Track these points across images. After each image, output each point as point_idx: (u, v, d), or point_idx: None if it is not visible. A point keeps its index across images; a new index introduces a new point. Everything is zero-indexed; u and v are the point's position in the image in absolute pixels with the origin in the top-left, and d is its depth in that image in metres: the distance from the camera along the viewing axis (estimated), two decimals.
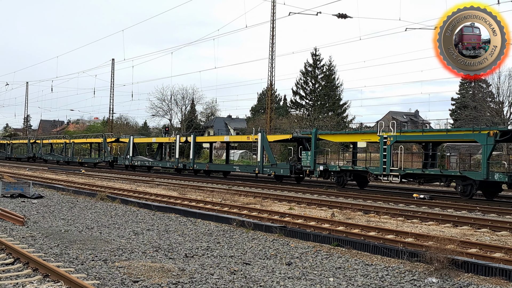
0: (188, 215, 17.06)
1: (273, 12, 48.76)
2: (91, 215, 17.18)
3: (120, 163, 53.40)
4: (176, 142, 45.44)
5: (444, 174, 25.42)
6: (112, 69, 72.30)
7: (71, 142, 64.49)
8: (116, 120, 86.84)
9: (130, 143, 51.29)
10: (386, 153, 27.22)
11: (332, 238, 12.36)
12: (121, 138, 56.08)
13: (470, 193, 24.21)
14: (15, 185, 22.89)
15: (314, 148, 32.17)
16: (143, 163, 49.89)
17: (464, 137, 25.33)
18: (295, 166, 33.99)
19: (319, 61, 69.40)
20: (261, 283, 8.90)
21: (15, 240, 12.13)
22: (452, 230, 15.20)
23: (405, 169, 26.69)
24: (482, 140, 23.37)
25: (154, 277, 9.04)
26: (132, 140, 51.51)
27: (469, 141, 28.75)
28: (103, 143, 56.71)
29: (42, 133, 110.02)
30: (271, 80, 50.13)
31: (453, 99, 68.44)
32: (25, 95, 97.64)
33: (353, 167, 30.12)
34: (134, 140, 51.94)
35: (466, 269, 9.61)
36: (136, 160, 50.38)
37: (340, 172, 30.31)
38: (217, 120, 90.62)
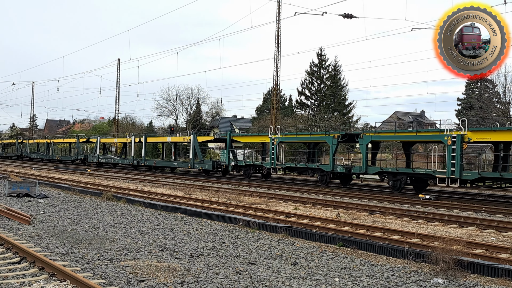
0: (193, 214, 17.09)
1: (278, 12, 48.73)
2: (97, 215, 17.23)
3: (90, 161, 60.60)
4: (132, 142, 53.10)
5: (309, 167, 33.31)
6: (118, 69, 72.47)
7: (51, 142, 71.67)
8: (122, 120, 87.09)
9: (98, 143, 59.38)
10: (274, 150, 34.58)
11: (337, 239, 12.36)
12: (91, 139, 64.61)
13: (326, 181, 31.77)
14: (21, 185, 22.96)
15: (229, 147, 40.70)
16: (107, 160, 57.80)
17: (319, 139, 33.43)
18: (217, 162, 42.08)
19: (325, 61, 69.36)
20: (266, 283, 8.90)
21: (21, 239, 12.18)
22: (458, 230, 15.17)
23: (285, 164, 34.60)
24: (329, 141, 31.76)
25: (160, 276, 9.06)
26: (99, 141, 60.00)
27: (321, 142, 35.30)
28: (76, 143, 64.48)
29: (48, 132, 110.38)
30: (276, 80, 50.11)
31: (459, 99, 68.28)
32: (31, 94, 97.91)
33: (254, 162, 39.20)
34: (101, 141, 60.55)
35: (472, 270, 9.60)
36: (102, 158, 58.08)
37: (246, 166, 38.93)
38: (222, 120, 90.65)
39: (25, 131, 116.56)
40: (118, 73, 72.44)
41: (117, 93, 73.03)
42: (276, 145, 34.34)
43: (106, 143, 61.69)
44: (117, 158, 57.24)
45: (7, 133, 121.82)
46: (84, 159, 61.72)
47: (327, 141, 32.10)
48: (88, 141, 64.86)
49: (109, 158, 58.12)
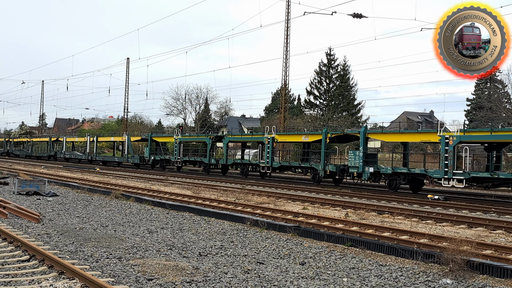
0: (202, 214, 17.12)
1: (287, 12, 48.72)
2: (105, 213, 17.29)
3: (59, 156, 70.66)
4: (87, 141, 63.71)
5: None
6: (127, 68, 72.65)
7: (31, 141, 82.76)
8: (131, 119, 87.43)
9: (64, 142, 70.28)
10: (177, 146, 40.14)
11: (346, 238, 12.34)
12: (59, 138, 74.36)
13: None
14: (30, 183, 23.07)
15: (150, 145, 51.74)
16: (71, 156, 67.64)
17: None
18: (142, 157, 52.19)
19: (334, 61, 69.20)
20: (274, 282, 8.90)
21: (30, 237, 12.24)
22: (467, 231, 15.11)
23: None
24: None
25: (168, 275, 9.08)
26: (65, 140, 70.99)
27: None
28: (49, 142, 74.40)
29: (58, 131, 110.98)
30: (285, 79, 50.10)
31: (468, 99, 67.94)
32: (41, 93, 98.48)
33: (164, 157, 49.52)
34: (67, 139, 71.50)
35: (481, 271, 9.55)
36: (68, 154, 68.17)
37: (161, 160, 49.73)
38: (231, 119, 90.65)
39: (35, 130, 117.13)
40: (127, 72, 72.70)
41: (126, 92, 73.29)
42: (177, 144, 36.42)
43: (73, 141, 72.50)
44: (80, 154, 66.75)
45: (16, 132, 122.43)
46: (55, 155, 71.75)
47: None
48: (57, 140, 74.16)
49: (73, 154, 67.81)
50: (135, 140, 57.18)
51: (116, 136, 63.09)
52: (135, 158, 53.34)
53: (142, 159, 52.16)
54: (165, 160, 49.32)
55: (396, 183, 28.12)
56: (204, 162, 42.94)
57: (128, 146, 55.19)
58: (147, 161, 51.42)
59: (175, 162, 46.68)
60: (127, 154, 55.18)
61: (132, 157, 54.15)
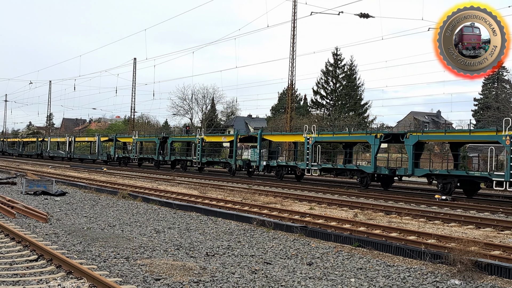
0: (209, 213, 17.13)
1: (294, 12, 48.68)
2: (113, 213, 17.33)
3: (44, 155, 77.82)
4: (66, 141, 71.03)
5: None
6: (134, 68, 72.90)
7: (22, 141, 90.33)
8: (138, 119, 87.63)
9: (49, 142, 78.97)
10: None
11: (353, 239, 12.31)
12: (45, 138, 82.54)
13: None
14: (38, 183, 23.16)
15: (115, 145, 60.21)
16: (54, 155, 75.19)
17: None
18: (108, 155, 60.30)
19: (340, 60, 69.05)
20: (282, 282, 8.89)
21: (38, 237, 12.29)
22: (474, 231, 15.05)
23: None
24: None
25: (176, 275, 9.08)
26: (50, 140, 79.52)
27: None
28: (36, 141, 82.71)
29: (65, 131, 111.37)
30: (291, 79, 50.05)
31: (475, 99, 67.69)
32: (48, 93, 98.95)
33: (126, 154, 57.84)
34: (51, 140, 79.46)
35: (490, 272, 9.51)
36: (52, 153, 76.03)
37: (124, 157, 57.60)
38: (237, 119, 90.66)
39: (42, 130, 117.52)
40: (134, 72, 72.96)
41: (133, 92, 73.53)
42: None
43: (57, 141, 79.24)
44: (62, 153, 73.75)
45: (24, 132, 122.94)
46: (41, 153, 79.06)
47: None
48: (43, 140, 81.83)
49: (57, 153, 75.57)
50: (104, 140, 63.85)
51: (89, 137, 71.31)
52: (104, 155, 61.31)
53: (109, 157, 60.25)
54: (126, 157, 57.33)
55: (282, 173, 36.72)
56: (154, 158, 51.70)
57: (99, 145, 62.74)
58: (113, 158, 59.47)
59: (133, 159, 55.01)
60: (97, 152, 62.75)
61: (101, 154, 61.95)
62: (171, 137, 51.56)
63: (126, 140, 59.99)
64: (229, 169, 42.21)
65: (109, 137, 63.38)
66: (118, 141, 61.10)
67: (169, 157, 50.12)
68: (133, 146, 55.62)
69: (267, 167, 37.59)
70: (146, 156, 54.28)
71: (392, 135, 29.75)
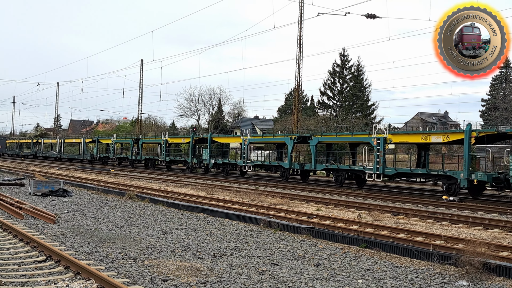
0: (216, 215, 17.15)
1: (301, 13, 48.65)
2: (120, 214, 17.38)
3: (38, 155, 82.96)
4: (57, 142, 77.19)
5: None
6: (141, 70, 73.09)
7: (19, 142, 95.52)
8: (145, 120, 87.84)
9: (42, 143, 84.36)
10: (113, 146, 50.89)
11: (360, 240, 12.30)
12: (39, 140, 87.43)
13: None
14: (46, 184, 23.25)
15: (97, 146, 64.88)
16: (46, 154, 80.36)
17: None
18: (92, 155, 65.61)
19: (347, 61, 69.01)
20: (289, 283, 8.89)
21: (46, 238, 12.34)
22: (482, 232, 14.99)
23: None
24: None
25: (183, 276, 9.10)
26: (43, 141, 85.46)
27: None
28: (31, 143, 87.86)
29: (72, 132, 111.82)
30: (298, 80, 50.00)
31: (483, 100, 67.47)
32: (56, 95, 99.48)
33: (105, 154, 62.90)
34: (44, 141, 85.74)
35: (498, 273, 9.48)
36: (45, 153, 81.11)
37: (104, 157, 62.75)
38: (244, 120, 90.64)
39: (50, 131, 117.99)
40: (141, 73, 73.15)
41: (140, 93, 73.70)
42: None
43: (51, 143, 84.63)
44: (54, 153, 78.29)
45: (32, 133, 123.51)
46: (35, 154, 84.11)
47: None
48: (38, 142, 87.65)
49: (49, 153, 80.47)
50: (88, 141, 69.54)
51: (77, 138, 77.29)
52: (88, 155, 67.30)
53: (92, 156, 65.87)
54: (106, 157, 62.90)
55: (227, 169, 42.90)
56: (129, 158, 57.91)
57: (84, 146, 68.82)
58: (96, 158, 64.97)
59: (112, 158, 61.23)
60: (82, 153, 68.74)
61: (86, 154, 67.96)
62: (142, 139, 57.65)
63: (107, 142, 64.85)
64: (187, 167, 48.53)
65: (92, 139, 68.77)
66: (100, 142, 66.17)
67: (140, 157, 56.21)
68: (112, 147, 61.55)
69: (216, 164, 44.31)
70: (123, 156, 60.56)
71: (302, 137, 36.60)
